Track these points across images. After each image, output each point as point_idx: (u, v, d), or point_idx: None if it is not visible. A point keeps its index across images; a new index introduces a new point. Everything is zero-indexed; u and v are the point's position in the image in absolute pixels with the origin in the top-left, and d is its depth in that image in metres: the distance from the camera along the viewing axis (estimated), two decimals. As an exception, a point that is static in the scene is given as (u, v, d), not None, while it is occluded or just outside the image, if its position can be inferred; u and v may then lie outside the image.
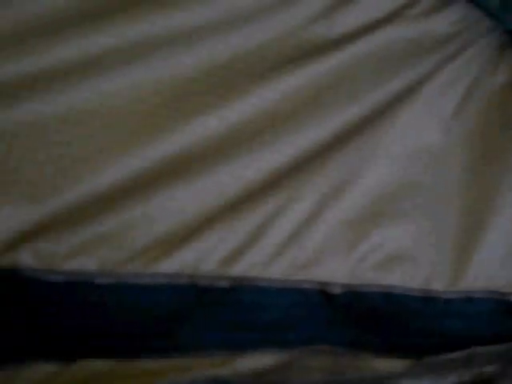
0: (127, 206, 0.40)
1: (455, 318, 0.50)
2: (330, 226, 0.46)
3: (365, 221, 0.47)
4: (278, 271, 0.44)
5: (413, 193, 0.49)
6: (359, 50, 0.48)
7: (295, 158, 0.45)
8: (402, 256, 0.48)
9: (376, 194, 0.48)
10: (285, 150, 0.45)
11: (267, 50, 0.45)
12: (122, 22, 0.40)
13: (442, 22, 0.51)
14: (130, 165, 0.40)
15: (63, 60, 0.39)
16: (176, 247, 0.41)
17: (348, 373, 0.45)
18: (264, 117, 0.44)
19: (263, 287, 0.44)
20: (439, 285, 0.49)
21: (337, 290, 0.46)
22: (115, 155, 0.40)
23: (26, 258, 0.38)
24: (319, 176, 0.46)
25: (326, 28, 0.47)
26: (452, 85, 0.52)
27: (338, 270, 0.46)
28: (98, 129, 0.40)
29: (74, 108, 0.39)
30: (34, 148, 0.38)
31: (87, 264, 0.39)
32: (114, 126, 0.40)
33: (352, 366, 0.46)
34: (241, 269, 0.43)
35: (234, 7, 0.43)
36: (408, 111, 0.49)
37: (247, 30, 0.44)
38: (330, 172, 0.46)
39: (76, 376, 0.39)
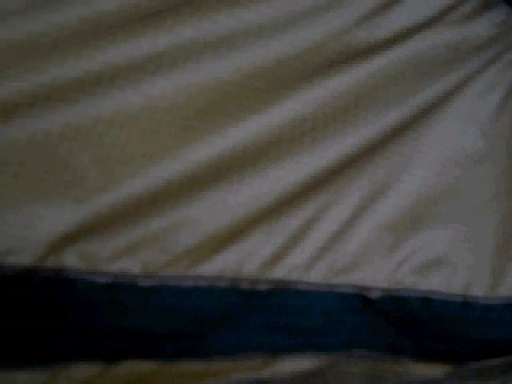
0: (170, 209, 0.40)
1: (495, 323, 0.49)
2: (369, 230, 0.46)
3: (403, 225, 0.47)
4: (318, 275, 0.44)
5: (451, 197, 0.49)
6: (400, 54, 0.48)
7: (335, 161, 0.45)
8: (441, 261, 0.48)
9: (415, 199, 0.48)
10: (325, 153, 0.45)
11: (309, 55, 0.45)
12: (167, 27, 0.40)
13: (482, 26, 0.51)
14: (173, 167, 0.40)
15: (109, 63, 0.39)
16: (218, 250, 0.41)
17: (387, 378, 0.45)
18: (305, 121, 0.44)
19: (303, 291, 0.44)
20: (479, 290, 0.49)
21: (375, 295, 0.46)
22: (159, 158, 0.40)
23: (71, 259, 0.38)
24: (359, 180, 0.46)
25: (368, 32, 0.47)
26: (491, 89, 0.51)
27: (377, 275, 0.46)
28: (142, 131, 0.40)
29: (119, 111, 0.39)
30: (79, 150, 0.39)
31: (130, 266, 0.39)
32: (159, 128, 0.40)
33: (391, 371, 0.46)
34: (281, 272, 0.43)
35: (276, 12, 0.43)
36: (447, 116, 0.49)
37: (290, 35, 0.44)
38: (370, 176, 0.46)
39: (118, 377, 0.39)
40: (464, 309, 0.48)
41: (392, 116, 0.47)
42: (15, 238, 0.37)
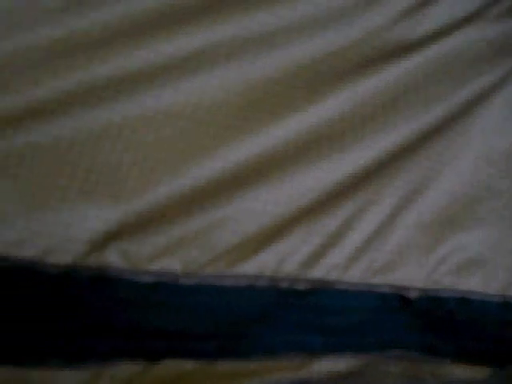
0: (210, 208, 0.40)
1: None
2: (407, 230, 0.45)
3: (442, 225, 0.47)
4: (356, 275, 0.44)
5: (490, 197, 0.49)
6: (439, 51, 0.47)
7: (374, 160, 0.44)
8: (480, 261, 0.47)
9: (453, 198, 0.47)
10: (364, 152, 0.44)
11: (349, 52, 0.44)
12: (208, 25, 0.40)
13: None
14: (212, 167, 0.40)
15: (150, 62, 0.39)
16: (258, 248, 0.41)
17: (425, 379, 0.45)
18: (344, 119, 0.44)
19: (341, 290, 0.44)
20: None
21: (413, 295, 0.45)
22: (199, 157, 0.40)
23: (112, 258, 0.38)
24: (397, 179, 0.45)
25: (408, 30, 0.46)
26: None
27: (415, 274, 0.45)
28: (183, 131, 0.40)
29: (160, 110, 0.39)
30: (121, 150, 0.39)
31: (172, 265, 0.39)
32: (199, 127, 0.40)
33: (428, 371, 0.45)
34: (320, 271, 0.43)
35: (317, 9, 0.43)
36: (485, 113, 0.49)
37: (329, 32, 0.44)
38: (408, 175, 0.46)
39: (159, 376, 0.39)
40: (504, 309, 0.48)
41: (431, 114, 0.47)
42: (56, 237, 0.37)
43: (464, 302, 0.47)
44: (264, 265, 0.41)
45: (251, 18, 0.41)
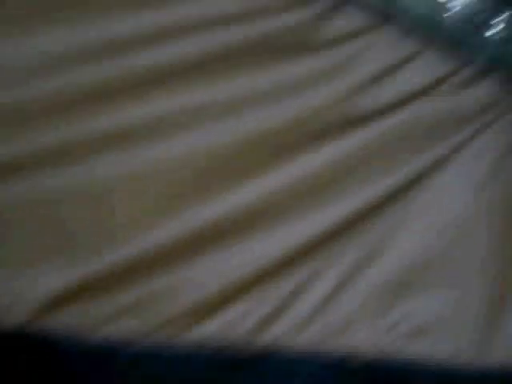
0: (155, 277, 0.41)
1: None
2: (358, 296, 0.46)
3: (393, 291, 0.47)
4: (307, 340, 0.44)
5: (441, 264, 0.49)
6: (399, 119, 0.48)
7: (330, 225, 0.46)
8: (430, 327, 0.48)
9: (404, 265, 0.48)
10: (318, 219, 0.45)
11: (312, 119, 0.46)
12: (178, 90, 0.43)
13: (478, 94, 0.51)
14: (161, 234, 0.41)
15: (116, 126, 0.41)
16: (203, 318, 0.42)
17: None
18: (303, 186, 0.45)
19: (290, 356, 0.44)
20: (467, 356, 0.48)
21: (363, 360, 0.46)
22: (156, 222, 0.41)
23: (57, 324, 0.38)
24: (352, 244, 0.46)
25: (371, 98, 0.48)
26: (485, 152, 0.51)
27: (366, 340, 0.46)
28: (143, 194, 0.41)
29: (123, 174, 0.41)
30: (79, 212, 0.39)
31: (114, 334, 0.39)
32: (160, 191, 0.42)
33: None
34: (269, 338, 0.43)
35: (282, 78, 0.45)
36: (440, 182, 0.49)
37: (294, 100, 0.46)
38: (360, 242, 0.46)
39: None
40: (452, 376, 0.48)
41: (386, 183, 0.48)
42: (9, 297, 0.37)
43: (414, 367, 0.47)
44: (210, 333, 0.42)
45: (218, 87, 0.43)
